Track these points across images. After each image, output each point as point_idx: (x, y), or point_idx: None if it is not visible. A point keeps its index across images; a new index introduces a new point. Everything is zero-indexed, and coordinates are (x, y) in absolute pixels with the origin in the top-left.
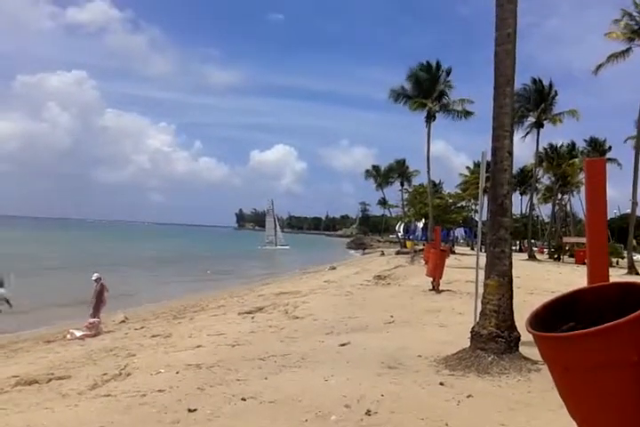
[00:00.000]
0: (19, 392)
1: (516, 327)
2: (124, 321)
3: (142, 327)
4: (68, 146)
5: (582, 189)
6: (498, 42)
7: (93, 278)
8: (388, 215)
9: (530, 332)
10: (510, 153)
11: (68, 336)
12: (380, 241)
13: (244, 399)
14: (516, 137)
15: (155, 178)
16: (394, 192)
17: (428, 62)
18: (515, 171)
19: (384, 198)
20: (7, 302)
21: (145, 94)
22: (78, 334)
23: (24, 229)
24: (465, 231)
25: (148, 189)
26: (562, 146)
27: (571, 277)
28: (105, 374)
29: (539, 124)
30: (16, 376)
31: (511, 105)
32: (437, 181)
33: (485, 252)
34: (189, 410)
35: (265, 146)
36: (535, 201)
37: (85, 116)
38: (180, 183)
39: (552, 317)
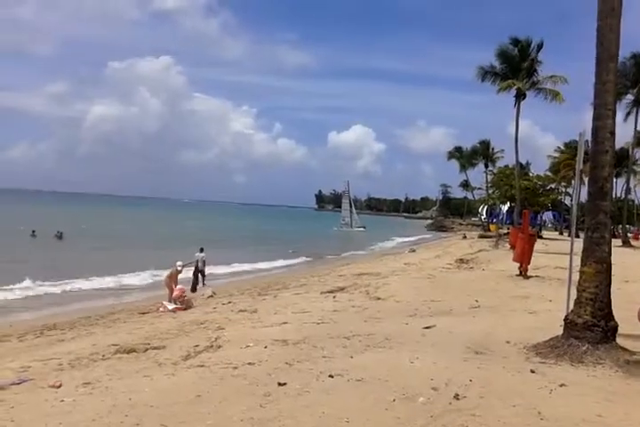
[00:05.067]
0: (118, 360)
1: (613, 316)
2: (211, 296)
3: (229, 302)
4: (156, 129)
5: None
6: (601, 15)
7: (178, 266)
8: (471, 198)
9: None
10: (612, 133)
11: (161, 309)
12: (461, 224)
13: (331, 376)
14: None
15: (237, 159)
16: (477, 174)
17: (517, 39)
18: None
19: (466, 180)
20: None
21: (228, 79)
22: (170, 307)
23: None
24: (553, 215)
25: (231, 170)
26: None
27: None
28: (197, 346)
29: (638, 102)
30: (116, 345)
31: (614, 82)
32: (524, 163)
33: (578, 236)
34: (279, 384)
35: (342, 127)
36: (632, 184)
37: (173, 100)
38: (262, 165)
39: None
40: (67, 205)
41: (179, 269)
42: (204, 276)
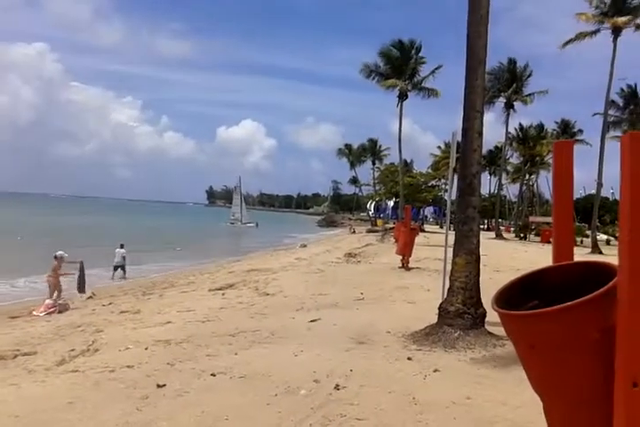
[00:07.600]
0: None
1: (482, 304)
2: (91, 297)
3: (110, 304)
4: (30, 120)
5: (550, 169)
6: (471, 23)
7: (58, 255)
8: (360, 194)
9: (495, 310)
10: (480, 133)
11: (34, 313)
12: (351, 219)
13: (213, 375)
14: (488, 117)
15: (121, 153)
16: (366, 171)
17: (400, 40)
18: (484, 151)
19: (355, 177)
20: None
21: (108, 68)
22: (42, 315)
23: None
24: (434, 210)
25: (114, 164)
26: (531, 127)
27: (536, 256)
28: (72, 350)
29: (509, 105)
30: None
31: (482, 86)
32: (408, 161)
33: (454, 230)
34: (158, 385)
35: (232, 122)
36: (503, 181)
37: (48, 89)
38: (148, 159)
39: (517, 295)
40: None
41: (59, 256)
42: (124, 270)
